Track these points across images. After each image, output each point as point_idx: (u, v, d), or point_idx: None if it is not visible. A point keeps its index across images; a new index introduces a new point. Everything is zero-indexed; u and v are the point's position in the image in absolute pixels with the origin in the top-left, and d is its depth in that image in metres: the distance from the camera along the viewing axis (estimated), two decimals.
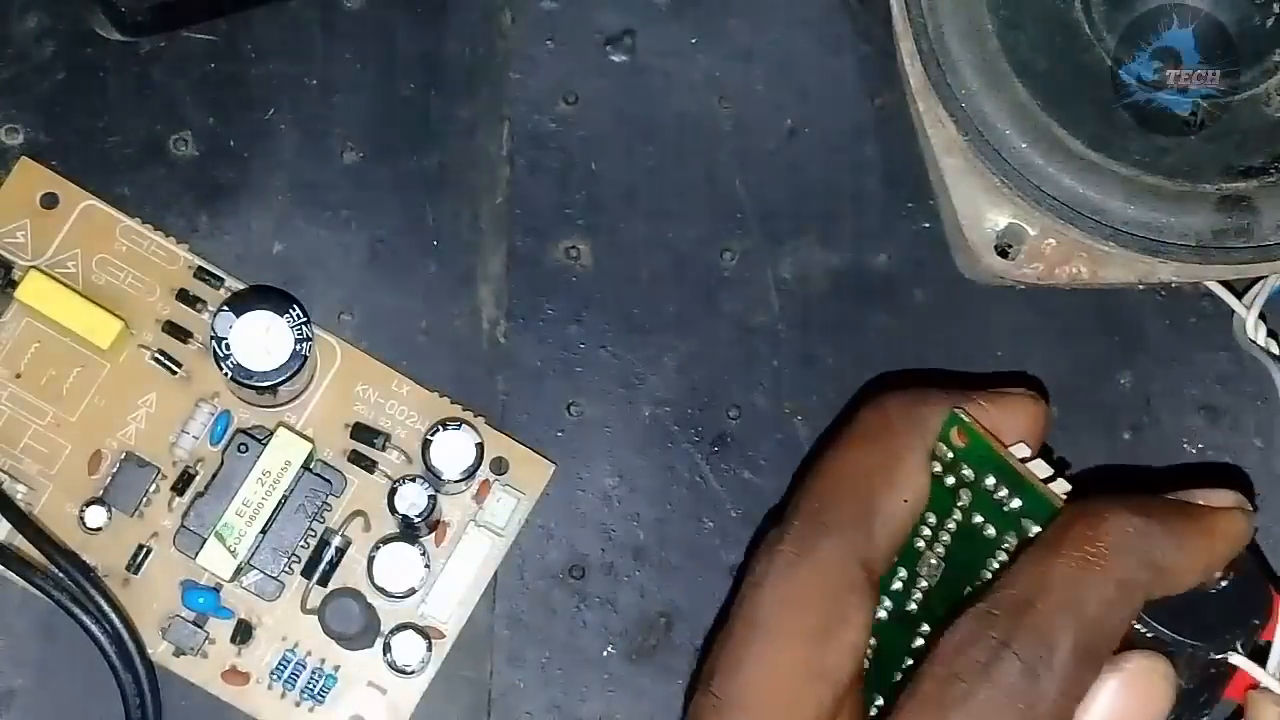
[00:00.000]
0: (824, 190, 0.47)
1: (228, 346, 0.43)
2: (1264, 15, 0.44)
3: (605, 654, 0.45)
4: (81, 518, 0.44)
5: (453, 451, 0.44)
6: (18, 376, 0.45)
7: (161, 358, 0.45)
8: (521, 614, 0.45)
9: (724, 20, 0.48)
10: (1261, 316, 0.46)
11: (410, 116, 0.47)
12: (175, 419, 0.45)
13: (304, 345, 0.43)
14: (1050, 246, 0.44)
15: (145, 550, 0.44)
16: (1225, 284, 0.46)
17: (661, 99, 0.48)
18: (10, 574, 0.43)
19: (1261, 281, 0.46)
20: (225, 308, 0.43)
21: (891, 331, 0.47)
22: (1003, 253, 0.44)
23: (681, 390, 0.47)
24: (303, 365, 0.43)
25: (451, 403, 0.45)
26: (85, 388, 0.45)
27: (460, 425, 0.44)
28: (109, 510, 0.44)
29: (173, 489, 0.44)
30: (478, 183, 0.47)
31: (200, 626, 0.44)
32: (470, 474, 0.44)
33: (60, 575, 0.43)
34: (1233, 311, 0.46)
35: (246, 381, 0.43)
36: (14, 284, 0.44)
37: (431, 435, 0.44)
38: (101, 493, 0.44)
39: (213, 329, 0.43)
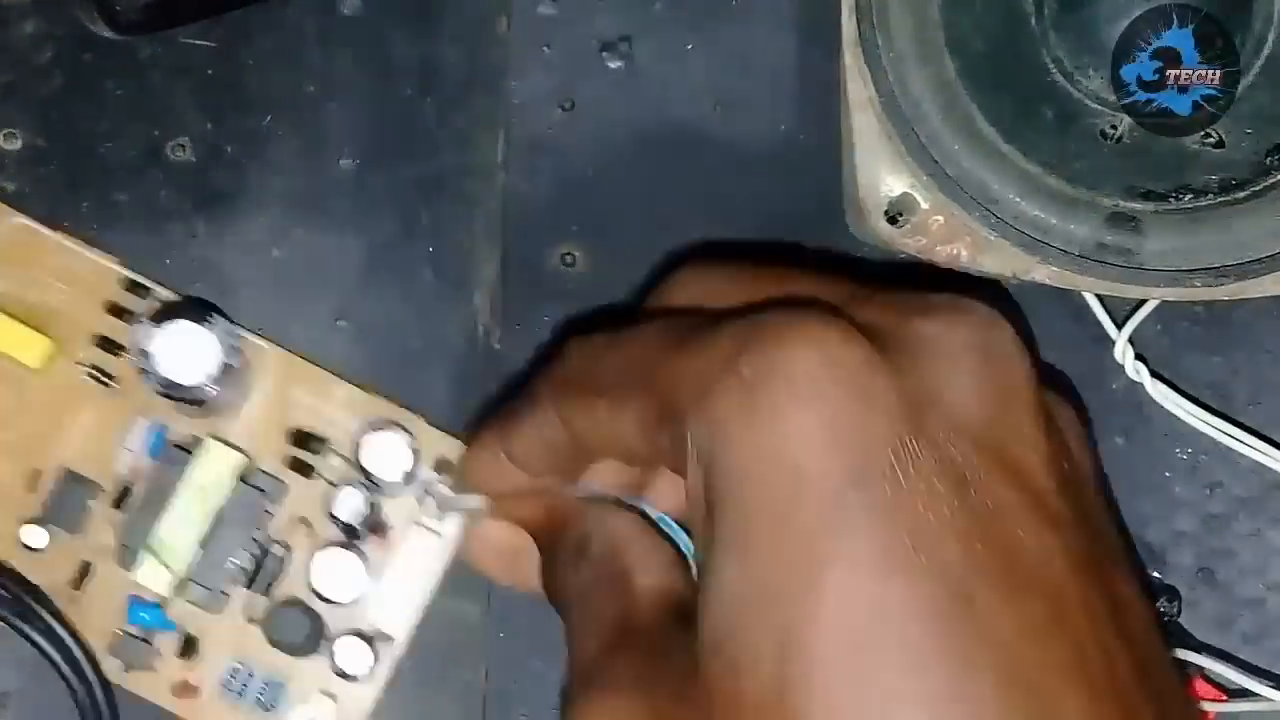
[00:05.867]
0: (821, 196, 0.47)
1: (151, 359, 0.42)
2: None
3: None
4: (22, 538, 0.43)
5: (386, 454, 0.43)
6: None
7: (96, 373, 0.44)
8: (516, 615, 0.46)
9: (720, 26, 0.48)
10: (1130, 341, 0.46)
11: (406, 123, 0.47)
12: (114, 434, 0.44)
13: (231, 354, 0.42)
14: (938, 223, 0.44)
15: (89, 567, 0.44)
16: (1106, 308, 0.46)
17: (658, 105, 0.48)
18: None
19: (1140, 307, 0.46)
20: (143, 319, 0.43)
21: None
22: (892, 220, 0.44)
23: None
24: (231, 374, 0.42)
25: (389, 401, 0.45)
26: (18, 407, 0.44)
27: (393, 427, 0.43)
28: (49, 529, 0.43)
29: (113, 505, 0.44)
30: (474, 189, 0.47)
31: (148, 641, 0.44)
32: (410, 476, 0.43)
33: (4, 594, 0.43)
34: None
35: (175, 394, 0.42)
36: None
37: (362, 438, 0.43)
38: (42, 511, 0.44)
39: (134, 342, 0.42)
